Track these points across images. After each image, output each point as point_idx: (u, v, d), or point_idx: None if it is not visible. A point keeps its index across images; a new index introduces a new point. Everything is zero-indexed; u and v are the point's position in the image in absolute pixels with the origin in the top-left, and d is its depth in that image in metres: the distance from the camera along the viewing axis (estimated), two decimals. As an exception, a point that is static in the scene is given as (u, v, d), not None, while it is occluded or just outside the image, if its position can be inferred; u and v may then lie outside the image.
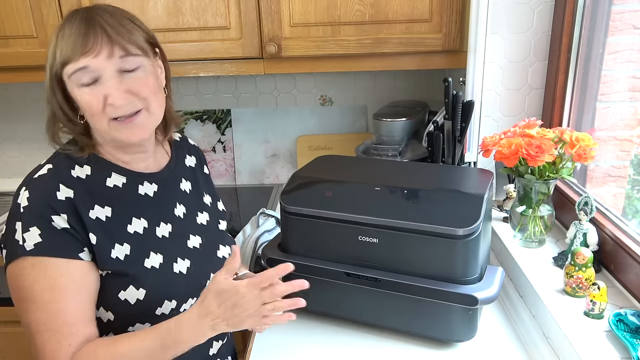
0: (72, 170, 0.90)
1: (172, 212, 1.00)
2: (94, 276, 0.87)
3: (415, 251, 0.98)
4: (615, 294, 1.02)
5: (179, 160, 1.08)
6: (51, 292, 0.82)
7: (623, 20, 1.19)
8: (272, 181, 2.06)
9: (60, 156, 0.92)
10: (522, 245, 1.22)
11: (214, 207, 1.12)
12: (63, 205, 0.85)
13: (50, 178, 0.87)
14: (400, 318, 1.04)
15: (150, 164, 1.00)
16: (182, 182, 1.06)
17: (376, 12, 1.51)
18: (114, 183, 0.93)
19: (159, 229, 0.96)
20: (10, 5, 1.54)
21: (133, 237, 0.92)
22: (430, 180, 1.11)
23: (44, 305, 0.82)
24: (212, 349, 1.04)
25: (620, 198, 1.28)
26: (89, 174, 0.91)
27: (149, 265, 0.91)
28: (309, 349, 1.05)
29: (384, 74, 1.93)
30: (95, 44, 0.84)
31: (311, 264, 1.06)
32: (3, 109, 2.04)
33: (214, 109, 2.00)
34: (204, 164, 1.16)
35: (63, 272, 0.83)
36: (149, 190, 0.97)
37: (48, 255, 0.83)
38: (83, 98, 0.87)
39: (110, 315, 0.90)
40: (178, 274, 0.94)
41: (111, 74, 0.86)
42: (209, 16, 1.54)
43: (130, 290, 0.89)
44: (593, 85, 1.27)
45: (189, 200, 1.05)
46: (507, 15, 1.38)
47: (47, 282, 0.82)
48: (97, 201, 0.89)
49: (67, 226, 0.84)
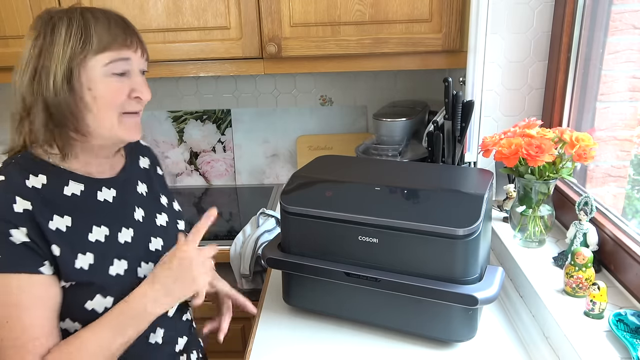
0: (26, 181, 0.86)
1: (132, 216, 0.98)
2: (55, 289, 0.85)
3: (415, 251, 0.98)
4: (615, 294, 1.02)
5: (134, 163, 1.07)
6: (14, 309, 0.81)
7: (623, 20, 1.19)
8: (272, 181, 2.06)
9: (10, 166, 0.89)
10: (522, 245, 1.22)
11: (171, 207, 1.11)
12: (21, 218, 0.82)
13: (4, 191, 0.84)
14: (400, 318, 1.04)
15: (106, 169, 0.98)
16: (139, 185, 1.04)
17: (376, 12, 1.51)
18: (71, 191, 0.90)
19: (121, 235, 0.94)
20: (10, 5, 1.54)
21: (95, 245, 0.90)
22: (430, 180, 1.11)
23: (8, 323, 0.81)
24: (178, 346, 1.04)
25: (620, 198, 1.28)
26: (45, 183, 0.88)
27: (114, 272, 0.90)
28: (309, 348, 1.05)
29: (384, 74, 1.93)
30: (133, 40, 0.90)
31: (311, 264, 1.06)
32: (3, 109, 2.04)
33: (214, 109, 2.00)
34: (157, 165, 1.15)
35: (24, 287, 0.81)
36: (108, 196, 0.96)
37: (8, 272, 0.81)
38: (109, 87, 0.88)
39: (77, 325, 0.88)
40: (142, 278, 0.93)
41: (138, 71, 0.93)
42: (209, 16, 1.54)
43: (97, 299, 0.88)
44: (593, 85, 1.27)
45: (146, 203, 1.04)
46: (507, 15, 1.38)
47: (8, 299, 0.81)
48: (56, 211, 0.87)
49: (27, 240, 0.82)
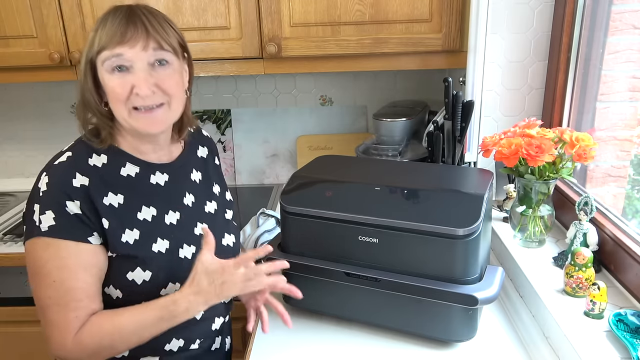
0: (89, 159, 0.96)
1: (181, 201, 1.05)
2: (101, 258, 0.94)
3: (415, 251, 0.98)
4: (615, 294, 1.02)
5: (191, 151, 1.13)
6: (61, 271, 0.90)
7: (623, 20, 1.19)
8: (272, 181, 2.06)
9: (80, 144, 0.98)
10: (522, 245, 1.22)
11: (222, 196, 1.17)
12: (77, 192, 0.91)
13: (68, 166, 0.94)
14: (400, 318, 1.04)
15: (162, 156, 1.05)
16: (193, 173, 1.11)
17: (376, 12, 1.51)
18: (127, 172, 0.99)
19: (168, 217, 1.02)
20: (10, 5, 1.54)
21: (142, 223, 0.98)
22: (430, 180, 1.11)
23: (55, 282, 0.89)
24: (215, 325, 1.08)
25: (620, 198, 1.28)
26: (105, 163, 0.97)
27: (156, 249, 0.98)
28: (309, 349, 1.05)
29: (384, 74, 1.93)
30: (133, 36, 0.91)
31: (311, 264, 1.06)
32: (3, 109, 2.04)
33: (214, 109, 2.00)
34: (215, 155, 1.21)
35: (72, 253, 0.90)
36: (160, 180, 1.03)
37: (60, 238, 0.90)
38: (112, 83, 0.92)
39: (118, 293, 0.96)
40: (183, 258, 1.00)
41: (143, 66, 0.92)
42: (209, 16, 1.54)
43: (137, 272, 0.95)
44: (593, 85, 1.27)
45: (198, 190, 1.10)
46: (507, 15, 1.38)
47: (57, 262, 0.90)
48: (111, 189, 0.96)
49: (79, 212, 0.91)
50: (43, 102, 2.02)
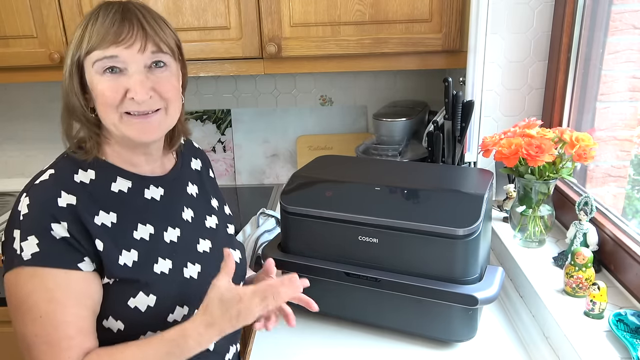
0: (75, 175, 0.86)
1: (180, 216, 0.97)
2: (94, 287, 0.83)
3: (415, 251, 0.98)
4: (615, 294, 1.02)
5: (185, 164, 1.06)
6: (48, 304, 0.79)
7: (623, 20, 1.19)
8: (272, 181, 2.06)
9: (63, 160, 0.89)
10: (522, 245, 1.22)
11: (221, 210, 1.10)
12: (64, 213, 0.81)
13: (52, 184, 0.84)
14: (400, 318, 1.04)
15: (156, 168, 0.97)
16: (189, 186, 1.03)
17: (376, 12, 1.51)
18: (119, 188, 0.90)
19: (167, 234, 0.93)
20: (10, 5, 1.54)
21: (140, 243, 0.88)
22: (430, 180, 1.11)
23: (42, 318, 0.79)
24: (228, 355, 1.02)
25: (620, 198, 1.28)
26: (93, 179, 0.88)
27: (159, 270, 0.88)
28: (309, 349, 1.05)
29: (384, 74, 1.93)
30: (130, 35, 0.83)
31: (311, 264, 1.06)
32: (3, 109, 2.04)
33: (214, 109, 2.00)
34: (209, 168, 1.14)
35: (61, 283, 0.80)
36: (155, 195, 0.94)
37: (45, 266, 0.79)
38: (102, 86, 0.84)
39: (120, 324, 0.86)
40: (189, 278, 0.92)
41: (139, 68, 0.84)
42: (209, 16, 1.54)
43: (140, 297, 0.85)
44: (593, 85, 1.27)
45: (196, 204, 1.02)
46: (507, 15, 1.38)
47: (43, 294, 0.79)
48: (102, 207, 0.86)
49: (67, 235, 0.81)
50: (43, 102, 2.02)
